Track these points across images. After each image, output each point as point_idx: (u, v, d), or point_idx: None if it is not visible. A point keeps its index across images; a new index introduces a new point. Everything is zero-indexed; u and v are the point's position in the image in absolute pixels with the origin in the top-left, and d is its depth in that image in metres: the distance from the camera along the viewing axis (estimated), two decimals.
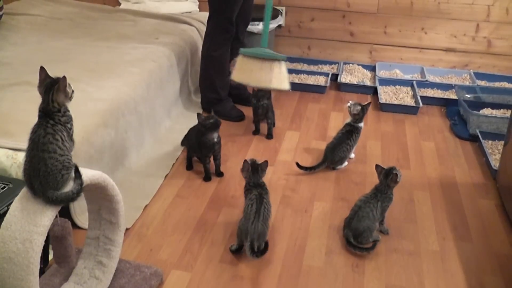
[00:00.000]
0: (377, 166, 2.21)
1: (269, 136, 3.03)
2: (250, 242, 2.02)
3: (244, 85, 3.21)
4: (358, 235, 2.15)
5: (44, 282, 1.82)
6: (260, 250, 2.04)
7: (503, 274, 2.05)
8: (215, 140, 2.54)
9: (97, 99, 2.49)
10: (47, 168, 1.43)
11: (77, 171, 1.52)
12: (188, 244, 2.17)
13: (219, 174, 2.64)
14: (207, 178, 2.61)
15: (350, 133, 2.69)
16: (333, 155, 2.67)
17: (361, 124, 2.71)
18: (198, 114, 2.54)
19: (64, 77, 1.47)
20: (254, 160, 2.15)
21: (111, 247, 1.83)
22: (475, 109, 3.17)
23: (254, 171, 2.13)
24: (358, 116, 2.67)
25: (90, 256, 1.84)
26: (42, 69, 1.49)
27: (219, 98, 3.22)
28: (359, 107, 2.65)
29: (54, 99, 1.46)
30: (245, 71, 2.79)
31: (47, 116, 1.47)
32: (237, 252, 2.10)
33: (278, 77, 2.72)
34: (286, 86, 2.76)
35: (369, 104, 2.69)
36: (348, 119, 2.73)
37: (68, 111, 1.51)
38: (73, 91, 1.51)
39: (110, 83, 2.67)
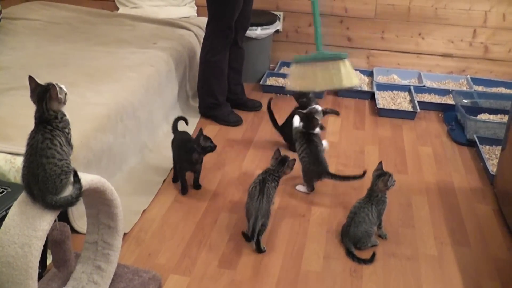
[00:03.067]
0: (380, 163, 2.21)
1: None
2: (254, 218, 2.11)
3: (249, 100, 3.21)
4: (357, 241, 2.15)
5: (42, 287, 1.82)
6: (260, 235, 2.15)
7: (501, 279, 2.06)
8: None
9: (96, 103, 2.50)
10: (46, 173, 1.43)
11: (76, 175, 1.51)
12: (187, 248, 2.17)
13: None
14: None
15: None
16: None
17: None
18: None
19: (54, 85, 1.44)
20: (285, 156, 2.23)
21: (109, 252, 1.83)
22: (473, 114, 3.18)
23: (280, 163, 2.21)
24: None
25: (88, 260, 1.84)
26: (31, 78, 1.47)
27: (217, 103, 3.23)
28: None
29: (49, 108, 1.45)
30: (306, 78, 2.58)
31: (44, 122, 1.46)
32: (247, 237, 2.17)
33: (348, 76, 2.54)
34: (356, 82, 2.61)
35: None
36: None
37: (65, 115, 1.51)
38: (66, 93, 1.48)
39: (108, 88, 2.67)
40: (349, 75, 2.52)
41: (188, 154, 2.48)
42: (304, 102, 2.84)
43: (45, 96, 1.45)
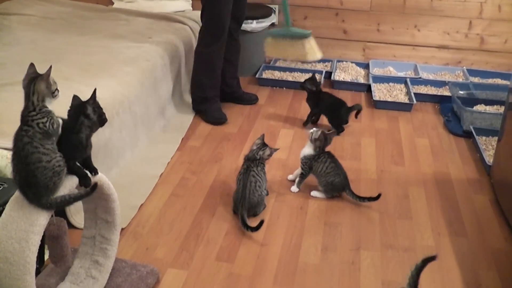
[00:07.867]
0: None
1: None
2: (240, 214, 2.23)
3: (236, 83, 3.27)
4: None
5: (40, 282, 1.81)
6: (253, 226, 2.19)
7: (498, 269, 2.06)
8: None
9: None
10: (37, 180, 1.41)
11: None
12: (184, 242, 2.17)
13: None
14: None
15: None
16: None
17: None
18: None
19: (50, 66, 1.44)
20: (262, 141, 2.37)
21: (107, 246, 1.83)
22: (469, 106, 3.18)
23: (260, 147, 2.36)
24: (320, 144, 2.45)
25: (86, 255, 1.84)
26: (31, 65, 1.46)
27: (205, 97, 3.17)
28: (319, 133, 2.44)
29: (35, 89, 1.42)
30: (278, 49, 3.07)
31: (23, 121, 1.42)
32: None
33: (311, 51, 3.00)
34: (319, 55, 3.04)
35: (333, 133, 2.51)
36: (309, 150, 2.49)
37: (46, 107, 1.45)
38: (57, 89, 1.47)
39: (104, 83, 2.65)
40: (312, 51, 3.00)
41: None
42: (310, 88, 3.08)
43: (36, 78, 1.43)
